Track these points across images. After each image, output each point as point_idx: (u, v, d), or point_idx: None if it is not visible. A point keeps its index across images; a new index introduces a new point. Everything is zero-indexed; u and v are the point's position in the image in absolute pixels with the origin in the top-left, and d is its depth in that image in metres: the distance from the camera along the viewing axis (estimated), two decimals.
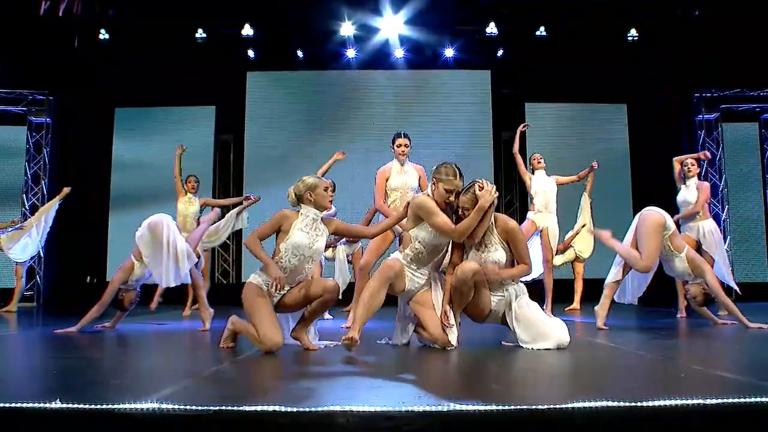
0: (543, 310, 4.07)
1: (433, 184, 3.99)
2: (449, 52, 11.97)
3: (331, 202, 4.17)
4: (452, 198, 3.91)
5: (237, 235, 12.17)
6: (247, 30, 11.29)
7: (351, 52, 11.93)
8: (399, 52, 11.95)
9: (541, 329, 3.85)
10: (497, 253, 3.94)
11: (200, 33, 11.32)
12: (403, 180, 5.61)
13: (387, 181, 5.64)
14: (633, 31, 11.35)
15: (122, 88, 11.87)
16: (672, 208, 5.97)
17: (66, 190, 8.51)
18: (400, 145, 5.73)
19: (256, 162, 12.13)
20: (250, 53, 11.84)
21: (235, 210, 7.72)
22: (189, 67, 11.58)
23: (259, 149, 12.17)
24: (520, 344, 3.91)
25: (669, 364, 3.23)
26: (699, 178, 7.02)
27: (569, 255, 8.64)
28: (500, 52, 11.94)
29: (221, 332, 4.07)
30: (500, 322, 4.08)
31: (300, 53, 11.84)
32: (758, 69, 11.23)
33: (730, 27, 10.68)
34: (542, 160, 7.67)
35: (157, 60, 11.46)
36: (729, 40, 10.81)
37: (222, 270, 12.44)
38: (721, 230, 11.27)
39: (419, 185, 5.71)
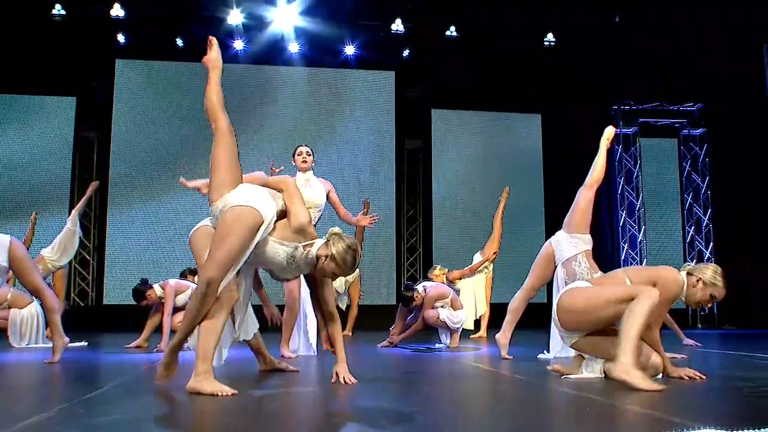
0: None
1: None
2: (350, 50, 12.04)
3: None
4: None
5: (99, 249, 11.72)
6: (117, 10, 10.92)
7: (239, 44, 11.78)
8: (293, 47, 11.91)
9: None
10: None
11: (58, 9, 10.83)
12: (307, 194, 5.48)
13: None
14: (550, 36, 11.81)
15: None
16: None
17: None
18: (301, 153, 5.85)
19: (125, 164, 11.71)
20: (120, 38, 11.46)
21: (76, 210, 7.51)
22: (43, 49, 11.09)
23: (129, 150, 11.75)
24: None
25: (574, 397, 3.34)
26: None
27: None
28: (406, 52, 12.13)
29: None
30: None
31: (180, 41, 11.58)
32: (678, 82, 11.97)
33: (650, 36, 11.32)
34: None
35: (2, 37, 10.87)
36: (649, 50, 11.46)
37: (79, 290, 11.91)
38: (636, 252, 12.04)
39: (330, 201, 5.88)
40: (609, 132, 5.57)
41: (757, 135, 11.08)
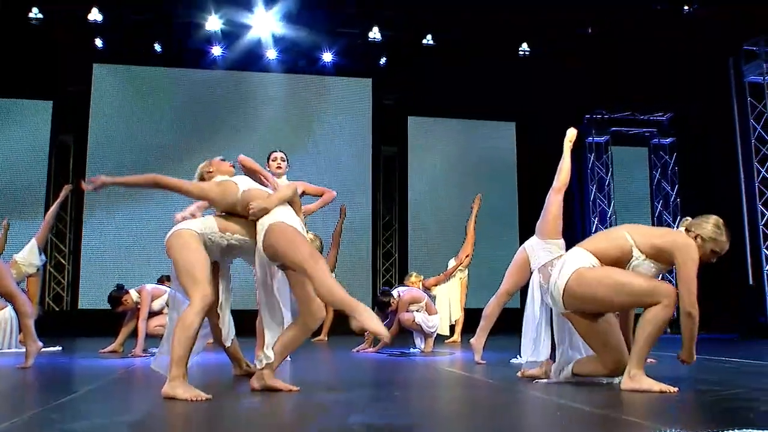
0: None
1: None
2: (328, 57, 12.04)
3: None
4: None
5: (75, 254, 11.58)
6: (95, 15, 10.83)
7: (217, 50, 11.73)
8: (271, 53, 11.88)
9: None
10: None
11: (35, 12, 10.71)
12: None
13: None
14: (524, 46, 11.92)
15: None
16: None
17: None
18: (276, 159, 5.79)
19: (102, 168, 11.55)
20: (98, 42, 11.37)
21: (50, 213, 7.49)
22: (20, 53, 10.96)
23: (106, 154, 11.63)
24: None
25: (546, 401, 3.36)
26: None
27: None
28: (383, 60, 12.15)
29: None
30: None
31: (158, 46, 11.50)
32: (649, 93, 12.12)
33: (622, 48, 11.46)
34: None
35: None
36: (621, 62, 11.59)
37: (54, 294, 11.76)
38: None
39: (310, 195, 5.88)
40: (571, 133, 5.55)
41: (723, 144, 11.24)
